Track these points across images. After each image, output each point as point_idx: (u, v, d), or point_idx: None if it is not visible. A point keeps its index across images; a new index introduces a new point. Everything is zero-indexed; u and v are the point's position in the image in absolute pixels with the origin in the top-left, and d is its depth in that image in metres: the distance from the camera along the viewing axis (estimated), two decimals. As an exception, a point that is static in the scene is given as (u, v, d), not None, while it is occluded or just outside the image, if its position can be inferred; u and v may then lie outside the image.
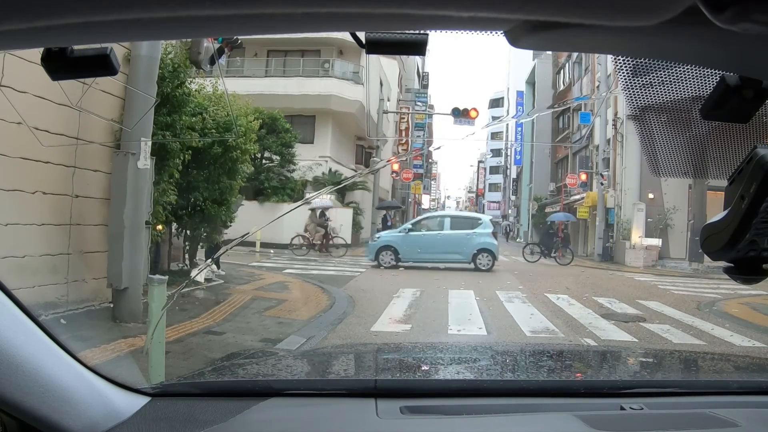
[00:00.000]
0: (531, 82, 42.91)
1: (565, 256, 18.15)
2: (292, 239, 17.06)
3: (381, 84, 27.01)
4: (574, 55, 27.99)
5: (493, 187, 67.84)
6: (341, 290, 9.33)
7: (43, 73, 0.68)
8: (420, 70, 46.10)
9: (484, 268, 14.25)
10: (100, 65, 0.70)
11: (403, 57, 27.64)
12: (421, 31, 0.74)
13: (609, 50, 0.72)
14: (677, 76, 0.71)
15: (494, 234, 14.99)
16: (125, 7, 0.45)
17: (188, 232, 9.35)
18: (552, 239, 19.18)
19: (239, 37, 6.93)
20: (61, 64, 0.68)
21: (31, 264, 5.07)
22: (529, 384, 1.47)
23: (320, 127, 23.03)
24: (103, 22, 0.49)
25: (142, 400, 1.16)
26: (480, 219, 15.44)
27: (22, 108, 4.45)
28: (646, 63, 0.72)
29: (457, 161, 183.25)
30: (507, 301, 8.82)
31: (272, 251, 16.41)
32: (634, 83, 0.76)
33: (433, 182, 64.12)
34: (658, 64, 0.71)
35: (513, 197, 53.79)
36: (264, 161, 19.54)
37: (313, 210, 17.60)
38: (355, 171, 23.35)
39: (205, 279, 8.70)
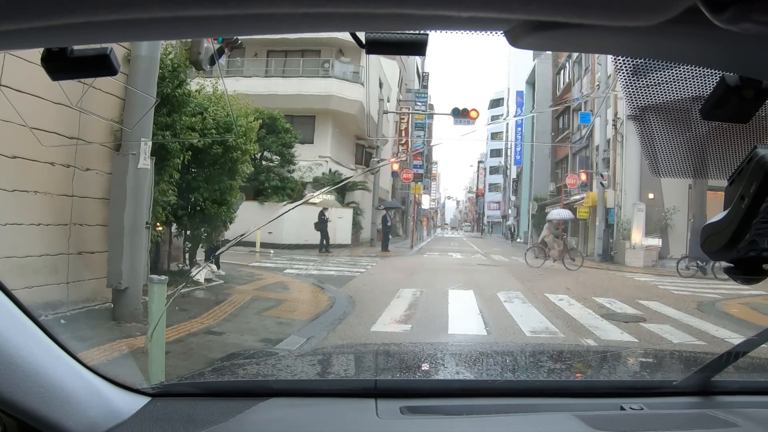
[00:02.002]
0: (531, 82, 42.91)
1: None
2: (527, 251, 17.39)
3: (381, 84, 27.02)
4: (574, 55, 27.97)
5: (493, 187, 67.89)
6: (341, 290, 9.33)
7: (43, 73, 0.68)
8: (420, 71, 46.12)
9: None
10: (100, 65, 0.70)
11: (403, 57, 27.64)
12: (421, 31, 0.74)
13: (609, 50, 0.72)
14: (677, 77, 0.71)
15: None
16: (125, 7, 0.45)
17: (188, 232, 9.35)
18: None
19: (239, 37, 6.93)
20: (61, 64, 0.68)
21: (31, 264, 5.07)
22: (529, 384, 1.47)
23: (320, 127, 23.06)
24: (103, 22, 0.49)
25: (142, 401, 1.16)
26: None
27: (22, 108, 4.45)
28: (646, 63, 0.72)
29: (457, 161, 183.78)
30: (507, 302, 8.81)
31: (272, 251, 16.40)
32: (634, 83, 0.76)
33: (433, 182, 64.13)
34: (658, 65, 0.71)
35: (513, 197, 53.78)
36: (264, 161, 19.54)
37: (550, 221, 17.98)
38: (355, 171, 23.37)
39: (205, 279, 8.71)
